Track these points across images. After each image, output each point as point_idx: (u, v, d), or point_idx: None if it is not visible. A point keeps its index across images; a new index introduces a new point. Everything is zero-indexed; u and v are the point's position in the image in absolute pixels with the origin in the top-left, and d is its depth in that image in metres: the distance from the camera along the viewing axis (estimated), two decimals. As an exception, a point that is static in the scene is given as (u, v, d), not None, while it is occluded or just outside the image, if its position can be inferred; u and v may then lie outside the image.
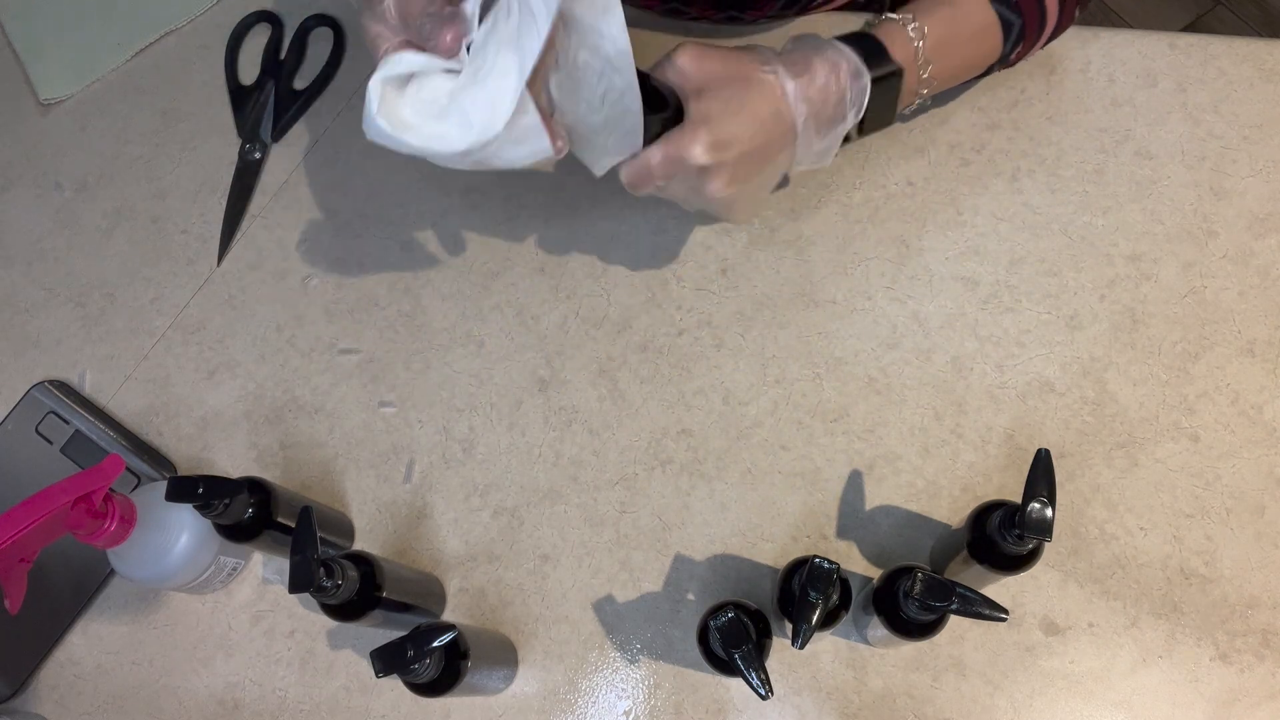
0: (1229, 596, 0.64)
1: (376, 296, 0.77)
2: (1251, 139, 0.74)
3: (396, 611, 0.61)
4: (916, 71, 0.65)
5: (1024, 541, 0.54)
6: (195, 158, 0.84)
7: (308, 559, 0.53)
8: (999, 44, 0.67)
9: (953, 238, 0.74)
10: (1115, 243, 0.73)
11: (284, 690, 0.68)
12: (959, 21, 0.66)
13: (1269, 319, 0.70)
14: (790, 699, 0.64)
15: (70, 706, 0.69)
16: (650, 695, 0.65)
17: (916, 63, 0.64)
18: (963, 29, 0.66)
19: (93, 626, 0.71)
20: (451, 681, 0.56)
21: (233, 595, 0.70)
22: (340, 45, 0.85)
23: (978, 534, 0.57)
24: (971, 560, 0.58)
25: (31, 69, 0.88)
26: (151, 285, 0.80)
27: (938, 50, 0.65)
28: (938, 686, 0.64)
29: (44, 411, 0.74)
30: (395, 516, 0.71)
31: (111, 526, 0.60)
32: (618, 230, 0.77)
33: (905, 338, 0.71)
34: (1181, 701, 0.62)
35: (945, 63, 0.66)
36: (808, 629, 0.52)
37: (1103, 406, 0.69)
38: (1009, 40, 0.67)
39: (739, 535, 0.68)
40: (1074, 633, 0.64)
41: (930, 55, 0.65)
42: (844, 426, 0.70)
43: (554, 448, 0.71)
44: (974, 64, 0.69)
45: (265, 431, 0.74)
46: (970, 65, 0.69)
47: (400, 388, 0.74)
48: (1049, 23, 0.68)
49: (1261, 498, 0.66)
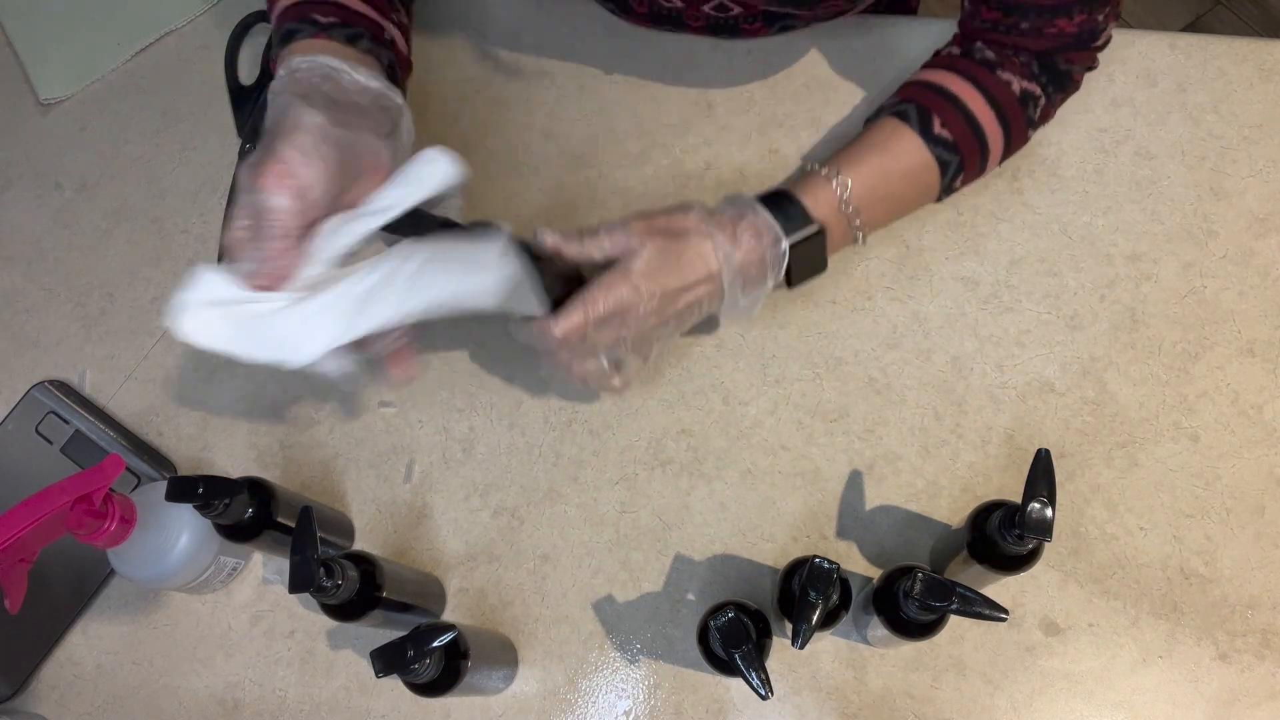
0: (1229, 596, 0.64)
1: (376, 296, 0.77)
2: (1251, 139, 0.74)
3: (396, 611, 0.61)
4: (846, 222, 0.65)
5: (1024, 541, 0.54)
6: (195, 158, 0.84)
7: (308, 559, 0.53)
8: (935, 181, 0.67)
9: (953, 238, 0.74)
10: (1115, 243, 0.73)
11: (284, 690, 0.68)
12: (890, 168, 0.65)
13: (1269, 319, 0.70)
14: (790, 699, 0.64)
15: (70, 706, 0.69)
16: (650, 695, 0.65)
17: (845, 213, 0.64)
18: (894, 174, 0.66)
19: (93, 626, 0.71)
20: (451, 681, 0.56)
21: (233, 595, 0.70)
22: (340, 45, 0.85)
23: (978, 534, 0.57)
24: (971, 560, 0.58)
25: (31, 69, 0.88)
26: (151, 285, 0.80)
27: (867, 199, 0.65)
28: (938, 686, 0.64)
29: (44, 411, 0.74)
30: (395, 516, 0.71)
31: (111, 526, 0.60)
32: (618, 230, 0.77)
33: (905, 338, 0.71)
34: (1181, 701, 0.62)
35: (878, 208, 0.66)
36: (808, 629, 0.52)
37: (1103, 406, 0.69)
38: (946, 176, 0.66)
39: (739, 535, 0.68)
40: (1074, 633, 0.64)
41: (859, 205, 0.64)
42: (844, 426, 0.70)
43: (554, 448, 0.71)
44: (911, 202, 0.69)
45: (265, 431, 0.74)
46: (907, 204, 0.69)
47: (400, 388, 0.74)
48: (992, 151, 0.67)
49: (1261, 498, 0.66)
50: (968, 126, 0.65)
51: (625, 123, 0.80)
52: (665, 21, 0.78)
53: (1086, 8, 0.62)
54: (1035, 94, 0.66)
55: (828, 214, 0.64)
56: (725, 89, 0.80)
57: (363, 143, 0.57)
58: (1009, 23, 0.63)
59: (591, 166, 0.79)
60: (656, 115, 0.80)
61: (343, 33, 0.62)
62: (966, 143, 0.65)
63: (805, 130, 0.78)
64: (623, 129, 0.80)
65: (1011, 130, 0.67)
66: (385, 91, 0.60)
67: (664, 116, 0.80)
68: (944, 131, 0.65)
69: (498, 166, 0.79)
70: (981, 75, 0.66)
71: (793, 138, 0.78)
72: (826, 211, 0.64)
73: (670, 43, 0.81)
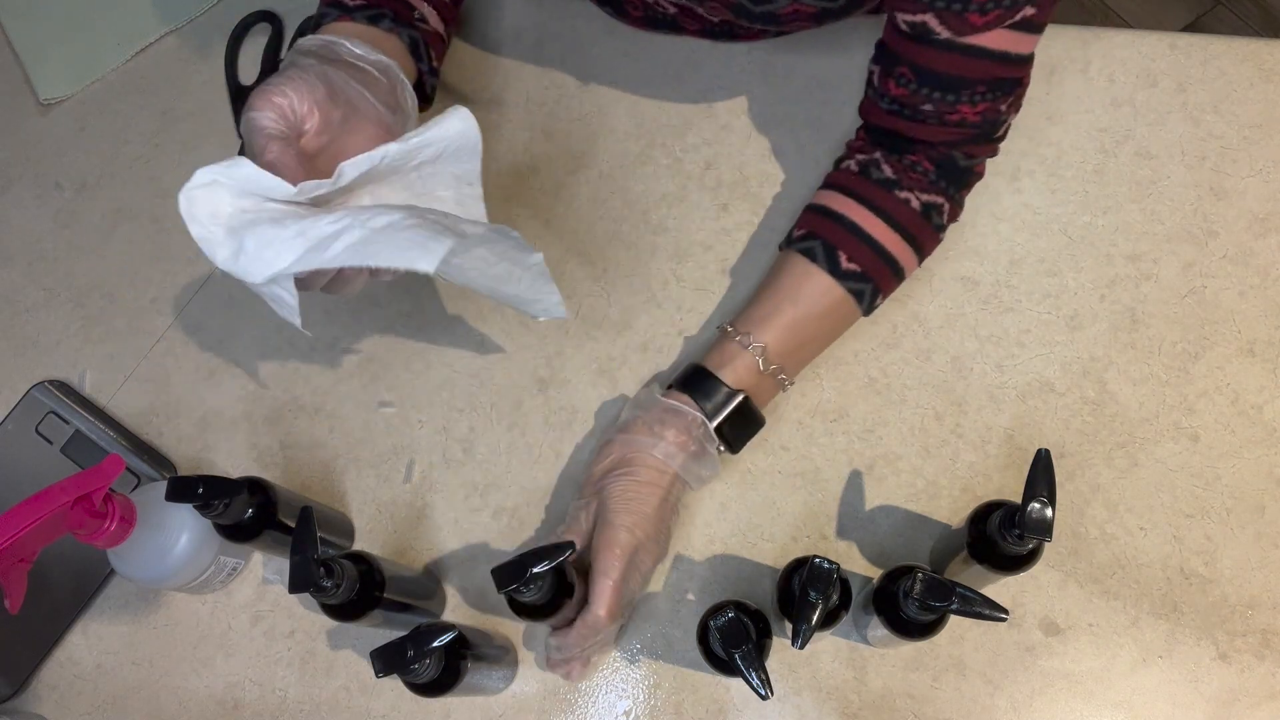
0: (1229, 596, 0.64)
1: (376, 296, 0.77)
2: (1251, 139, 0.74)
3: (396, 611, 0.61)
4: (769, 377, 0.65)
5: (1024, 541, 0.54)
6: (195, 158, 0.84)
7: (308, 559, 0.53)
8: (855, 310, 0.67)
9: (953, 238, 0.73)
10: (1115, 243, 0.73)
11: (284, 690, 0.68)
12: (805, 316, 0.65)
13: (1269, 319, 0.70)
14: (790, 699, 0.64)
15: (70, 706, 0.69)
16: (650, 695, 0.65)
17: (765, 371, 0.64)
18: (810, 321, 0.65)
19: (93, 626, 0.71)
20: (451, 681, 0.56)
21: (233, 595, 0.70)
22: (340, 45, 0.85)
23: (977, 534, 0.57)
24: (971, 560, 0.58)
25: (31, 69, 0.88)
26: (151, 285, 0.80)
27: (786, 352, 0.65)
28: (938, 686, 0.64)
29: (44, 411, 0.74)
30: (395, 516, 0.71)
31: (111, 526, 0.60)
32: (618, 230, 0.77)
33: (905, 338, 0.71)
34: (1181, 701, 0.62)
35: (801, 354, 0.67)
36: (808, 629, 0.52)
37: (1103, 406, 0.69)
38: (865, 301, 0.66)
39: (739, 535, 0.68)
40: (1074, 633, 0.64)
41: (780, 361, 0.65)
42: (844, 426, 0.70)
43: (554, 448, 0.71)
44: (835, 335, 0.69)
45: (265, 431, 0.74)
46: (831, 338, 0.69)
47: (400, 388, 0.74)
48: (906, 268, 0.67)
49: (1261, 498, 0.66)
50: (875, 255, 0.65)
51: (625, 123, 0.80)
52: (661, 25, 0.78)
53: (991, 94, 0.61)
54: (939, 204, 0.66)
55: (747, 377, 0.64)
56: (725, 89, 0.80)
57: (358, 93, 0.59)
58: (914, 104, 0.62)
59: (591, 166, 0.79)
60: (656, 115, 0.80)
61: (365, 14, 0.64)
62: (877, 269, 0.65)
63: (805, 130, 0.78)
64: (623, 129, 0.80)
65: (920, 243, 0.66)
66: (385, 61, 0.61)
67: (664, 116, 0.80)
68: (852, 265, 0.65)
69: (498, 166, 0.79)
70: (880, 198, 0.65)
71: (793, 137, 0.78)
72: (746, 375, 0.64)
73: (670, 43, 0.81)
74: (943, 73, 0.60)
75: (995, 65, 0.59)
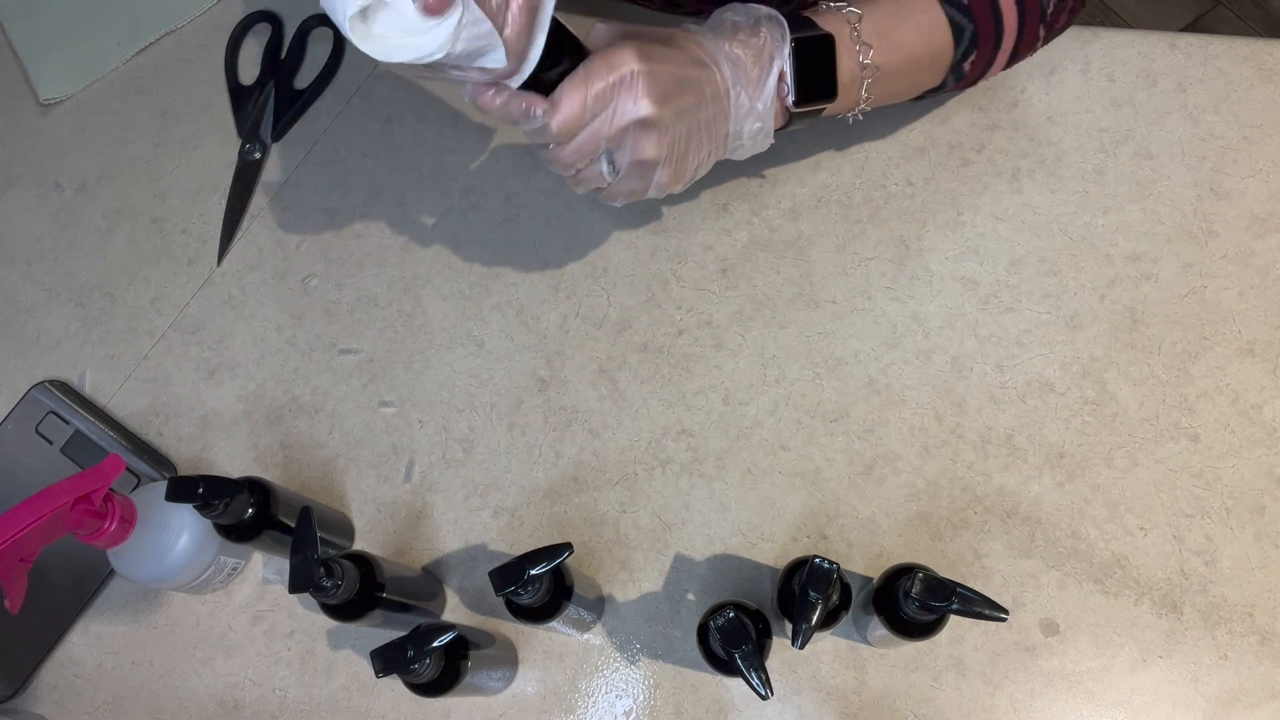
0: (1229, 596, 0.64)
1: (376, 296, 0.77)
2: (1251, 139, 0.74)
3: (396, 611, 0.61)
4: (854, 53, 0.61)
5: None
6: (195, 158, 0.84)
7: (308, 559, 0.53)
8: (949, 45, 0.64)
9: (953, 238, 0.74)
10: (1115, 243, 0.73)
11: (284, 690, 0.68)
12: (904, 13, 0.63)
13: (1269, 319, 0.70)
14: (790, 699, 0.64)
15: (70, 706, 0.69)
16: (650, 695, 0.65)
17: (854, 45, 0.61)
18: (907, 20, 0.63)
19: (93, 626, 0.71)
20: (451, 681, 0.56)
21: (233, 595, 0.70)
22: (340, 45, 0.85)
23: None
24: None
25: (31, 69, 0.88)
26: (151, 285, 0.80)
27: (878, 34, 0.62)
28: (938, 686, 0.64)
29: (44, 411, 0.74)
30: (395, 516, 0.71)
31: (111, 526, 0.60)
32: (617, 230, 0.77)
33: (905, 338, 0.71)
34: (1181, 701, 0.62)
35: (888, 52, 0.62)
36: (808, 629, 0.52)
37: (1103, 406, 0.69)
38: (960, 44, 0.64)
39: (739, 535, 0.68)
40: (1074, 633, 0.64)
41: (869, 38, 0.61)
42: (844, 426, 0.70)
43: (554, 448, 0.71)
44: (922, 60, 0.65)
45: (265, 431, 0.74)
46: (918, 61, 0.65)
47: (400, 388, 0.74)
48: (1006, 34, 0.65)
49: (1261, 498, 0.66)
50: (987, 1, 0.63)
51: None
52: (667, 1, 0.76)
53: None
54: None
55: (837, 33, 0.61)
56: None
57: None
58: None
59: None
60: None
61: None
62: (983, 14, 0.64)
63: (805, 130, 0.77)
64: (623, 129, 0.79)
65: (1026, 20, 0.65)
66: None
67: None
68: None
69: (498, 166, 0.79)
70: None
71: (793, 138, 0.77)
72: (835, 30, 0.61)
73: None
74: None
75: None
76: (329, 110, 0.84)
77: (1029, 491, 0.67)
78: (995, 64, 0.68)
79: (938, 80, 0.67)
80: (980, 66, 0.67)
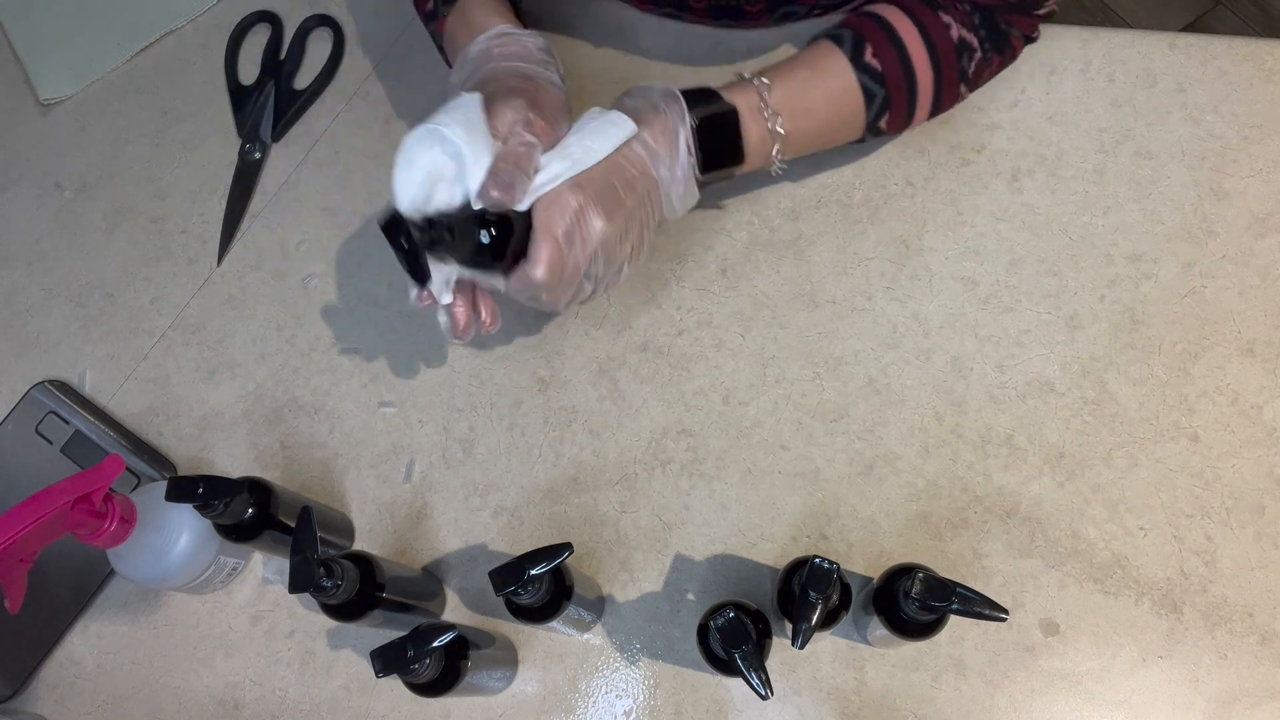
0: (1229, 596, 0.64)
1: (376, 296, 0.77)
2: (1251, 139, 0.74)
3: (396, 611, 0.61)
4: (763, 120, 0.64)
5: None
6: (195, 158, 0.84)
7: (308, 559, 0.53)
8: (860, 108, 0.67)
9: (953, 238, 0.73)
10: (1115, 243, 0.73)
11: (284, 690, 0.68)
12: (814, 83, 0.66)
13: (1269, 319, 0.70)
14: (790, 699, 0.64)
15: (70, 706, 0.69)
16: (650, 695, 0.65)
17: (763, 112, 0.64)
18: (817, 90, 0.66)
19: (93, 626, 0.71)
20: (451, 681, 0.56)
21: (233, 595, 0.70)
22: (340, 45, 0.85)
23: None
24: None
25: (31, 69, 0.88)
26: (151, 285, 0.80)
27: (788, 105, 0.65)
28: (938, 686, 0.64)
29: (44, 411, 0.74)
30: (395, 516, 0.71)
31: (111, 526, 0.60)
32: (618, 230, 0.77)
33: (905, 338, 0.71)
34: (1181, 701, 0.62)
35: (799, 120, 0.66)
36: (808, 629, 0.52)
37: (1103, 406, 0.69)
38: (872, 109, 0.67)
39: (739, 535, 0.68)
40: (1074, 633, 0.64)
41: (779, 106, 0.64)
42: (844, 426, 0.70)
43: (554, 448, 0.71)
44: (833, 123, 0.68)
45: (265, 431, 0.74)
46: (830, 126, 0.68)
47: (400, 388, 0.74)
48: (920, 95, 0.67)
49: (1261, 498, 0.66)
50: (899, 62, 0.65)
51: (625, 123, 0.80)
52: (666, 3, 0.77)
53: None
54: (972, 45, 0.66)
55: (745, 108, 0.64)
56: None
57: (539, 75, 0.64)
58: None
59: (591, 166, 0.79)
60: (656, 115, 0.80)
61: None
62: (895, 78, 0.66)
63: (805, 130, 0.78)
64: (623, 129, 0.79)
65: (942, 77, 0.67)
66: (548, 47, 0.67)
67: (664, 116, 0.79)
68: (874, 61, 0.65)
69: (498, 166, 0.79)
70: (922, 13, 0.66)
71: (793, 138, 0.78)
72: (744, 105, 0.64)
73: (670, 35, 0.81)
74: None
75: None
76: (329, 110, 0.84)
77: (1029, 491, 0.67)
78: (916, 118, 0.70)
79: (856, 137, 0.70)
80: (899, 123, 0.69)
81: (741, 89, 0.65)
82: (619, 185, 0.60)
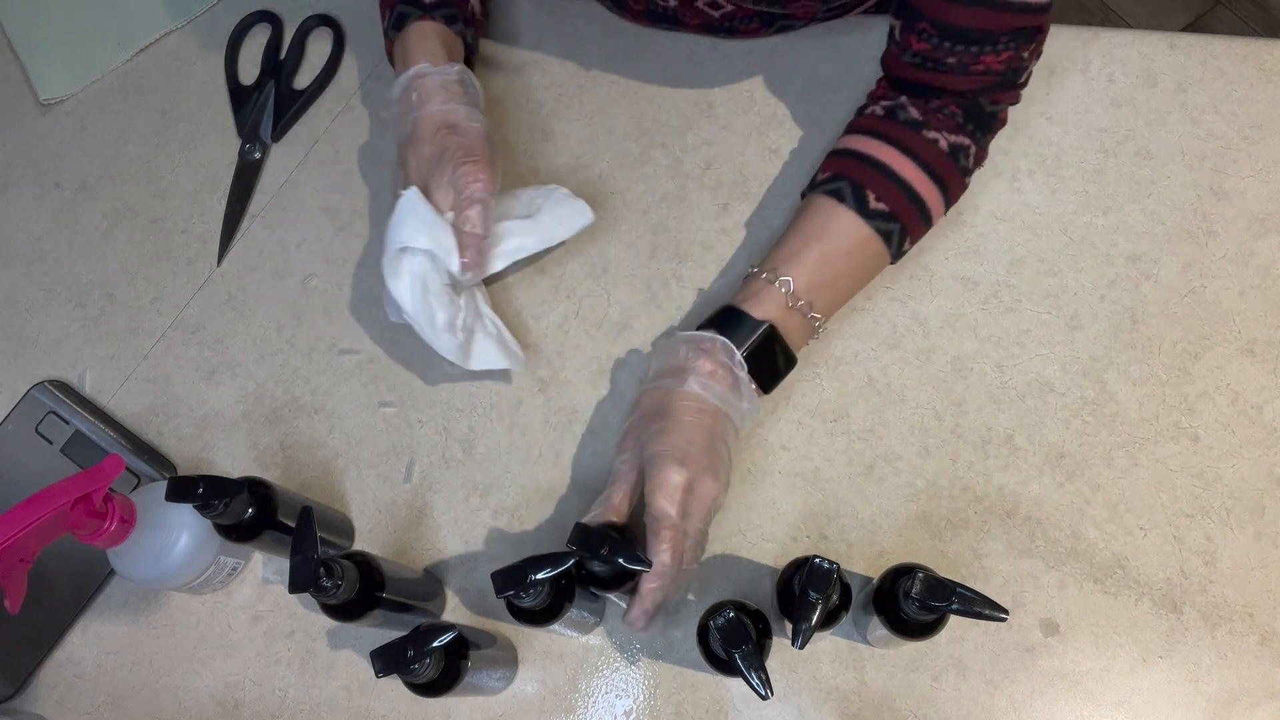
0: (1229, 596, 0.64)
1: (376, 296, 0.77)
2: (1251, 139, 0.74)
3: (396, 611, 0.61)
4: (797, 313, 0.65)
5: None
6: (195, 158, 0.84)
7: (308, 559, 0.53)
8: (883, 250, 0.67)
9: (953, 238, 0.73)
10: (1115, 243, 0.73)
11: (284, 690, 0.68)
12: (831, 253, 0.65)
13: (1269, 319, 0.70)
14: (790, 699, 0.64)
15: (70, 706, 0.69)
16: (650, 695, 0.65)
17: (794, 308, 0.64)
18: (837, 258, 0.66)
19: (93, 626, 0.71)
20: (451, 681, 0.56)
21: (233, 595, 0.70)
22: (340, 45, 0.85)
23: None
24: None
25: (31, 69, 0.88)
26: (151, 285, 0.80)
27: (815, 288, 0.65)
28: (938, 686, 0.64)
29: (44, 411, 0.74)
30: (395, 516, 0.71)
31: (111, 526, 0.60)
32: (618, 230, 0.77)
33: (905, 338, 0.71)
34: (1181, 701, 0.62)
35: (830, 292, 0.66)
36: (808, 629, 0.52)
37: (1103, 406, 0.69)
38: (893, 244, 0.66)
39: (739, 535, 0.68)
40: (1074, 633, 0.64)
41: (809, 297, 0.65)
42: (844, 426, 0.70)
43: (554, 448, 0.71)
44: (864, 276, 0.69)
45: (265, 431, 0.74)
46: (860, 279, 0.69)
47: (400, 388, 0.74)
48: (933, 211, 0.67)
49: (1261, 498, 0.66)
50: (903, 194, 0.65)
51: (625, 123, 0.80)
52: (662, 20, 0.78)
53: (1014, 43, 0.62)
54: (965, 145, 0.67)
55: (775, 311, 0.64)
56: (725, 89, 0.80)
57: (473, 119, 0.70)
58: (937, 57, 0.63)
59: (591, 167, 0.79)
60: (656, 115, 0.80)
61: (443, 14, 0.73)
62: (905, 210, 0.66)
63: (805, 130, 0.78)
64: (622, 129, 0.80)
65: (948, 186, 0.67)
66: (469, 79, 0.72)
67: (664, 116, 0.80)
68: (880, 205, 0.65)
69: (498, 166, 0.79)
70: (908, 138, 0.66)
71: (792, 138, 0.78)
72: (773, 309, 0.64)
73: (670, 43, 0.81)
74: (965, 26, 0.61)
75: (1016, 16, 0.60)
76: (329, 110, 0.84)
77: (1029, 491, 0.67)
78: (934, 224, 0.70)
79: (885, 266, 0.70)
80: (921, 236, 0.69)
81: (764, 293, 0.64)
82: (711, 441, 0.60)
